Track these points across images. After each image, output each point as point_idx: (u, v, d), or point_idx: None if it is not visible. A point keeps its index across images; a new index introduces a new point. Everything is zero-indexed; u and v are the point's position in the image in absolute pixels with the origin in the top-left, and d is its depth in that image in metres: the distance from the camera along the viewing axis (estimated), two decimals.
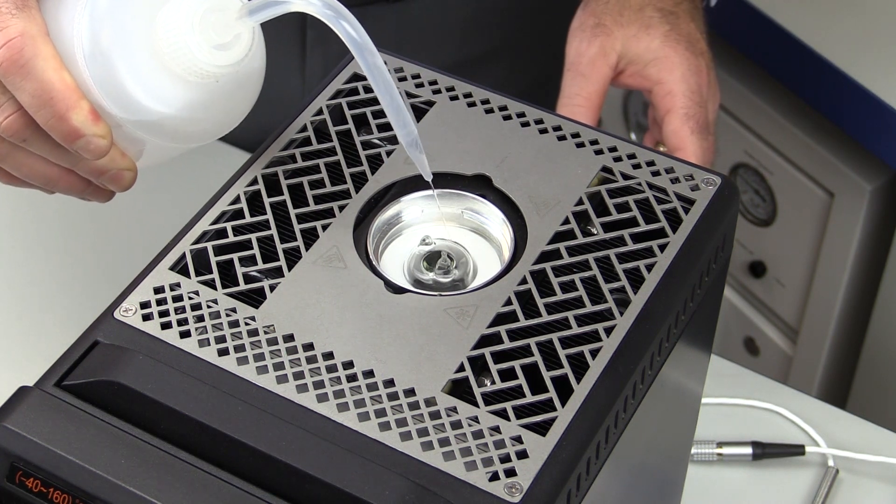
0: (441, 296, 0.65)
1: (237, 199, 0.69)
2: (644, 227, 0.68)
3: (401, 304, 0.65)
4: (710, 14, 0.99)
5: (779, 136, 1.37)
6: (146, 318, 0.64)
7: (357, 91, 0.74)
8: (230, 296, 0.65)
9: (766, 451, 0.92)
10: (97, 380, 0.61)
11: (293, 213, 0.68)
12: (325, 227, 0.68)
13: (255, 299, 0.65)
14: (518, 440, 0.59)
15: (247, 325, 0.64)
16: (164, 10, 0.67)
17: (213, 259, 0.66)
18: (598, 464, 0.61)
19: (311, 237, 0.67)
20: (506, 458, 0.59)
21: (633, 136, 1.55)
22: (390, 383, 0.61)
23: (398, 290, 0.65)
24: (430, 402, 0.61)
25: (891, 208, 1.32)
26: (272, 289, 0.65)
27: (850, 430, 0.94)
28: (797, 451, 0.93)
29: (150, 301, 0.65)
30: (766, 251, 1.45)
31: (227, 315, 0.64)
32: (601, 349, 0.63)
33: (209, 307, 0.64)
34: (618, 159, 0.71)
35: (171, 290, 0.65)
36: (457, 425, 0.60)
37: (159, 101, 0.68)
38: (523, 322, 0.64)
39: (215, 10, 0.66)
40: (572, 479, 0.59)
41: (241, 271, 0.66)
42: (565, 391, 0.61)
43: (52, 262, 1.03)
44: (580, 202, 0.69)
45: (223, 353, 0.62)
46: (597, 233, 0.68)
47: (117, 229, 1.05)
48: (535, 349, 0.63)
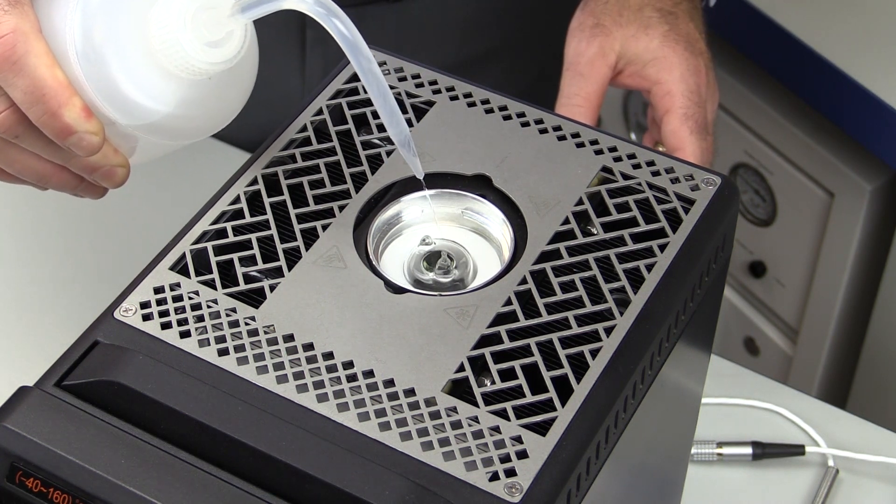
0: (441, 296, 0.65)
1: (237, 199, 0.69)
2: (644, 227, 0.68)
3: (401, 304, 0.65)
4: (710, 14, 0.99)
5: (779, 136, 1.37)
6: (146, 318, 0.64)
7: (357, 91, 0.74)
8: (230, 296, 0.65)
9: (766, 451, 0.92)
10: (97, 380, 0.61)
11: (293, 213, 0.68)
12: (325, 227, 0.68)
13: (255, 299, 0.65)
14: (518, 440, 0.59)
15: (247, 325, 0.64)
16: (157, 8, 0.67)
17: (213, 259, 0.66)
18: (598, 464, 0.61)
19: (311, 237, 0.67)
20: (506, 458, 0.59)
21: (633, 136, 1.55)
22: (390, 383, 0.61)
23: (398, 290, 0.65)
24: (430, 402, 0.61)
25: (891, 208, 1.32)
26: (272, 289, 0.65)
27: (850, 430, 0.94)
28: (797, 451, 0.92)
29: (150, 301, 0.65)
30: (766, 251, 1.45)
31: (227, 315, 0.64)
32: (601, 349, 0.63)
33: (209, 307, 0.64)
34: (618, 159, 0.71)
35: (171, 290, 0.65)
36: (457, 425, 0.60)
37: (151, 98, 0.68)
38: (523, 322, 0.64)
39: (207, 8, 0.66)
40: (572, 479, 0.59)
41: (241, 271, 0.66)
42: (565, 391, 0.61)
43: (52, 262, 1.03)
44: (580, 202, 0.69)
45: (223, 353, 0.62)
46: (597, 233, 0.68)
47: (117, 229, 1.04)
48: (535, 349, 0.63)
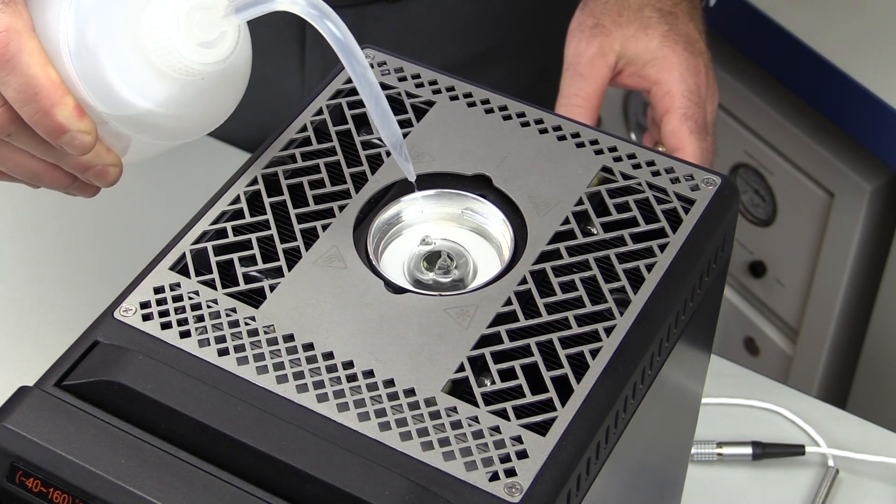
0: (441, 296, 0.65)
1: (237, 199, 0.69)
2: (644, 227, 0.68)
3: (401, 304, 0.65)
4: (710, 14, 0.99)
5: (779, 136, 1.37)
6: (146, 318, 0.64)
7: (357, 91, 0.74)
8: (230, 296, 0.65)
9: (766, 451, 0.92)
10: (97, 380, 0.61)
11: (293, 213, 0.68)
12: (325, 227, 0.68)
13: (255, 299, 0.65)
14: (518, 440, 0.59)
15: (247, 325, 0.63)
16: (150, 8, 0.67)
17: (213, 259, 0.66)
18: (598, 464, 0.61)
19: (311, 237, 0.67)
20: (506, 458, 0.59)
21: (633, 136, 1.55)
22: (390, 383, 0.61)
23: (398, 290, 0.65)
24: (430, 402, 0.61)
25: (891, 208, 1.32)
26: (272, 289, 0.65)
27: (850, 430, 0.94)
28: (797, 451, 0.92)
29: (150, 301, 0.65)
30: (766, 251, 1.45)
31: (227, 315, 0.64)
32: (601, 349, 0.63)
33: (209, 307, 0.64)
34: (618, 159, 0.71)
35: (171, 290, 0.65)
36: (457, 425, 0.60)
37: (144, 97, 0.68)
38: (523, 322, 0.64)
39: (201, 8, 0.66)
40: (572, 479, 0.59)
41: (241, 271, 0.66)
42: (565, 391, 0.61)
43: (52, 262, 1.03)
44: (580, 202, 0.69)
45: (223, 353, 0.62)
46: (597, 233, 0.68)
47: (117, 229, 1.04)
48: (535, 349, 0.63)
